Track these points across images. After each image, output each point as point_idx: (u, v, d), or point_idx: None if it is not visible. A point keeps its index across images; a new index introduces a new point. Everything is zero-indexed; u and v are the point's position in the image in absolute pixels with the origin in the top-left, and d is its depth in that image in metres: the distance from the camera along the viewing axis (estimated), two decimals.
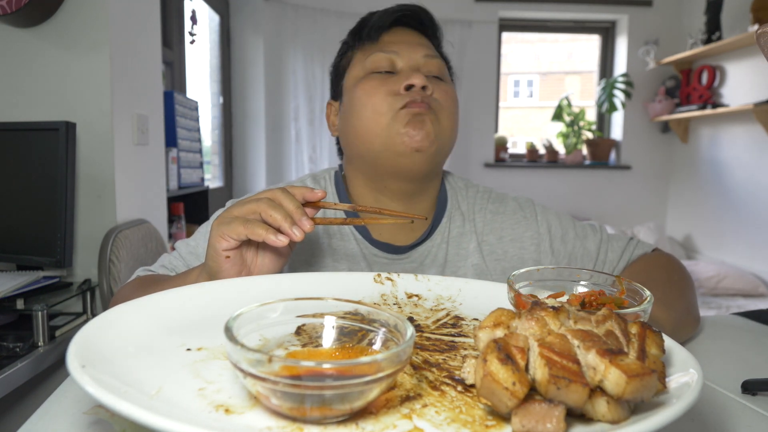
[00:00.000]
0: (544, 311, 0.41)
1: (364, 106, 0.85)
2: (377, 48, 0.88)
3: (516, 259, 0.90)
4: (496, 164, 4.16)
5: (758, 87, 3.27)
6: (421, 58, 0.87)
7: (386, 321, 0.44)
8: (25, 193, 1.34)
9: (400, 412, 0.39)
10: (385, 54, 0.87)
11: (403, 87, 0.83)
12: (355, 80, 0.88)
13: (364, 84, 0.86)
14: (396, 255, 0.89)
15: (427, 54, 0.88)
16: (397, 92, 0.84)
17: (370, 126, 0.84)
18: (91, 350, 0.42)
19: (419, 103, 0.82)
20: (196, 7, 2.89)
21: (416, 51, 0.88)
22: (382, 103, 0.83)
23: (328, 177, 0.95)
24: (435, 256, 0.90)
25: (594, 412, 0.37)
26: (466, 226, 0.92)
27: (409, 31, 0.91)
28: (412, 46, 0.88)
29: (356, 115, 0.86)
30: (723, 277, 3.26)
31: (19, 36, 1.52)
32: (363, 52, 0.90)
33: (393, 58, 0.87)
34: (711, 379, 0.65)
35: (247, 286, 0.63)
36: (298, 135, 3.84)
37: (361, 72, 0.88)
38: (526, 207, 0.94)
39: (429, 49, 0.89)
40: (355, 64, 0.91)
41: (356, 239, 0.89)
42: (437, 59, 0.89)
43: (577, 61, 9.28)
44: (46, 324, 1.12)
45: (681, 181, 4.13)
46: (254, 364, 0.36)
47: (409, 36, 0.90)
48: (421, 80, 0.83)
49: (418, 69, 0.87)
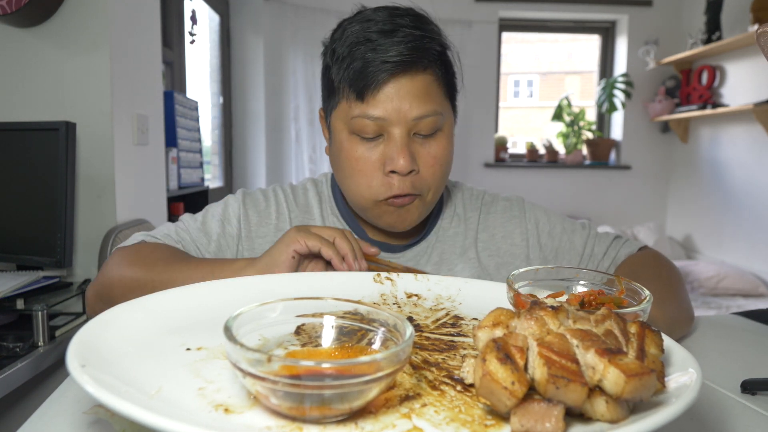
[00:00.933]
0: (543, 311, 0.41)
1: (349, 177, 0.82)
2: (361, 108, 0.78)
3: (508, 254, 0.93)
4: (496, 164, 4.16)
5: (758, 87, 3.27)
6: (412, 120, 0.78)
7: (386, 320, 0.44)
8: (25, 193, 1.34)
9: (399, 412, 0.39)
10: (371, 121, 0.78)
11: (387, 170, 0.79)
12: (341, 135, 0.82)
13: (348, 149, 0.81)
14: (391, 254, 0.91)
15: (419, 115, 0.78)
16: (382, 171, 0.80)
17: (355, 196, 0.84)
18: (91, 350, 0.42)
19: (403, 197, 0.80)
20: (196, 7, 2.89)
21: (408, 112, 0.77)
22: (365, 186, 0.81)
23: (325, 181, 0.97)
24: (429, 256, 0.92)
25: (593, 412, 0.37)
26: (461, 226, 0.94)
27: (404, 79, 0.78)
28: (402, 107, 0.77)
29: (342, 174, 0.84)
30: (723, 277, 3.26)
31: (19, 36, 1.52)
32: (347, 101, 0.80)
33: (380, 124, 0.78)
34: (710, 379, 0.65)
35: (247, 285, 0.63)
36: (298, 135, 3.84)
37: (346, 128, 0.81)
38: (515, 205, 0.97)
39: (425, 103, 0.78)
40: (339, 109, 0.82)
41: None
42: (432, 117, 0.79)
43: (577, 61, 9.28)
44: (46, 324, 1.12)
45: (681, 181, 4.13)
46: (254, 363, 0.36)
47: (403, 87, 0.77)
48: (406, 166, 0.77)
49: (410, 141, 0.79)
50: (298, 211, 0.92)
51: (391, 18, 0.79)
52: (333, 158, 0.86)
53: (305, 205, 0.93)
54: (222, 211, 0.89)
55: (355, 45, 0.78)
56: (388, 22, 0.79)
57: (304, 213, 0.92)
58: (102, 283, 0.79)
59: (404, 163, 0.77)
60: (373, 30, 0.78)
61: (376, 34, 0.78)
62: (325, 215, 0.92)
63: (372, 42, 0.77)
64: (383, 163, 0.79)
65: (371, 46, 0.77)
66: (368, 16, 0.81)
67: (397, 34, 0.77)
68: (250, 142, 3.77)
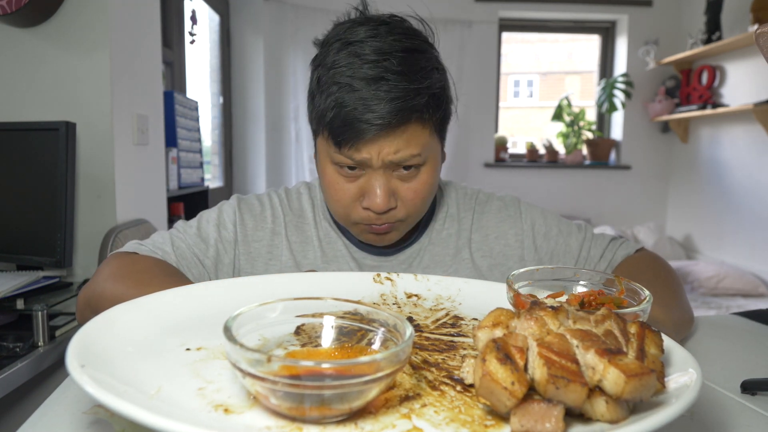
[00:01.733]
0: (543, 311, 0.41)
1: (329, 198, 0.83)
2: (342, 153, 0.77)
3: (501, 255, 0.92)
4: (496, 164, 4.16)
5: (758, 87, 3.27)
6: (392, 163, 0.77)
7: (385, 321, 0.44)
8: (25, 193, 1.34)
9: (399, 412, 0.39)
10: (351, 160, 0.77)
11: (364, 205, 0.79)
12: (323, 159, 0.82)
13: (330, 175, 0.81)
14: (384, 257, 0.91)
15: (399, 160, 0.77)
16: (359, 202, 0.80)
17: (335, 214, 0.86)
18: (90, 350, 0.42)
19: (378, 227, 0.82)
20: (196, 7, 2.89)
21: (388, 156, 0.76)
22: (343, 211, 0.82)
23: (318, 186, 0.97)
24: (422, 258, 0.91)
25: (593, 412, 0.37)
26: (454, 227, 0.94)
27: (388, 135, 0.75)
28: (383, 151, 0.76)
29: (323, 191, 0.85)
30: (723, 277, 3.26)
31: (19, 36, 1.52)
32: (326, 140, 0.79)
33: (360, 162, 0.77)
34: (710, 379, 0.65)
35: (247, 285, 0.63)
36: (298, 135, 3.84)
37: (327, 156, 0.80)
38: (510, 206, 0.96)
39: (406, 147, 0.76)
40: (321, 138, 0.81)
41: (344, 243, 0.91)
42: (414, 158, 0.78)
43: (577, 61, 9.28)
44: (46, 324, 1.12)
45: (681, 181, 4.13)
46: (253, 363, 0.36)
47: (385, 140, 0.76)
48: (381, 206, 0.78)
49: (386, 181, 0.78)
50: (293, 215, 0.92)
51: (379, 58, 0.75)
52: (317, 170, 0.87)
53: (299, 210, 0.93)
54: (217, 216, 0.89)
55: (339, 88, 0.75)
56: (374, 66, 0.74)
57: (298, 217, 0.92)
58: (92, 292, 0.77)
59: (381, 203, 0.78)
60: (358, 76, 0.74)
61: (361, 82, 0.74)
62: (317, 220, 0.93)
63: (356, 92, 0.74)
64: (362, 195, 0.80)
65: (355, 97, 0.74)
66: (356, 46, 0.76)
67: (382, 85, 0.74)
68: (250, 142, 3.77)
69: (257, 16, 3.63)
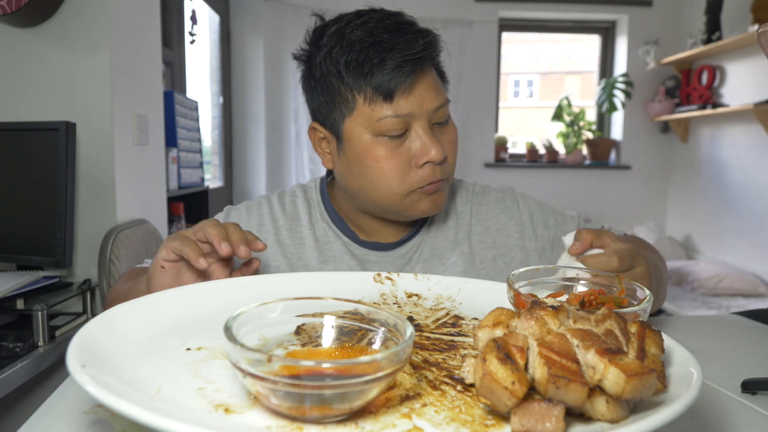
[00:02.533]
0: (543, 311, 0.41)
1: (377, 179, 0.81)
2: (391, 109, 0.79)
3: (503, 246, 0.94)
4: (496, 164, 4.16)
5: (758, 87, 3.27)
6: (433, 111, 0.81)
7: (386, 320, 0.44)
8: (25, 193, 1.34)
9: (399, 412, 0.39)
10: (400, 119, 0.79)
11: (420, 162, 0.80)
12: (362, 140, 0.81)
13: (375, 151, 0.80)
14: (384, 252, 0.91)
15: (439, 105, 0.81)
16: (412, 167, 0.81)
17: (382, 197, 0.83)
18: (91, 350, 0.42)
19: (436, 182, 0.82)
20: (196, 7, 2.89)
21: (429, 104, 0.80)
22: (398, 182, 0.81)
23: (314, 186, 0.97)
24: (421, 252, 0.92)
25: (593, 412, 0.37)
26: (452, 220, 0.95)
27: (421, 74, 0.80)
28: (425, 101, 0.80)
29: (366, 179, 0.83)
30: (723, 277, 3.25)
31: (19, 36, 1.52)
32: (370, 105, 0.79)
33: (406, 120, 0.80)
34: (711, 379, 0.65)
35: (247, 285, 0.63)
36: (298, 135, 3.84)
37: (369, 131, 0.80)
38: (508, 197, 0.98)
39: (439, 94, 0.82)
40: (358, 114, 0.81)
41: (343, 242, 0.91)
42: (445, 106, 0.83)
43: (577, 61, 9.28)
44: (46, 324, 1.12)
45: (681, 181, 4.13)
46: (254, 363, 0.36)
47: (422, 82, 0.80)
48: (440, 154, 0.80)
49: (432, 131, 0.81)
50: (285, 219, 0.92)
51: (388, 17, 0.80)
52: (349, 166, 0.84)
53: (293, 212, 0.93)
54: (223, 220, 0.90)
55: (369, 48, 0.77)
56: (389, 21, 0.80)
57: (291, 220, 0.92)
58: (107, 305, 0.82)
59: (437, 153, 0.80)
60: (380, 31, 0.78)
61: (387, 34, 0.78)
62: (314, 220, 0.92)
63: (386, 42, 0.77)
64: (413, 157, 0.81)
65: (387, 46, 0.77)
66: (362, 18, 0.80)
67: (407, 30, 0.79)
68: (250, 142, 3.77)
69: (257, 16, 3.63)
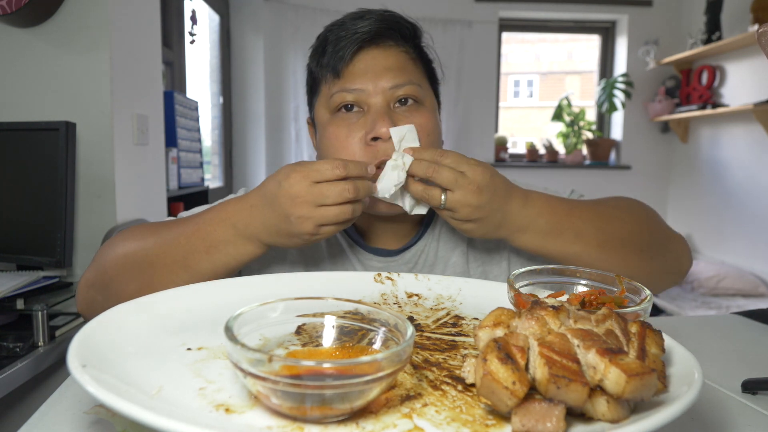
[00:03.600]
0: (544, 310, 0.41)
1: (333, 154, 0.81)
2: (340, 84, 0.80)
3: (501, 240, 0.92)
4: (497, 164, 4.16)
5: (758, 87, 3.27)
6: (389, 90, 0.80)
7: (386, 320, 0.44)
8: (25, 193, 1.34)
9: (400, 412, 0.39)
10: (349, 93, 0.80)
11: (369, 138, 0.78)
12: (323, 119, 0.83)
13: (331, 129, 0.81)
14: (389, 257, 0.90)
15: (394, 84, 0.80)
16: (365, 142, 0.79)
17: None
18: (91, 350, 0.42)
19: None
20: (196, 7, 2.89)
21: (384, 82, 0.79)
22: (350, 157, 0.78)
23: None
24: (427, 256, 0.92)
25: (594, 412, 0.37)
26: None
27: (376, 51, 0.82)
28: (378, 78, 0.79)
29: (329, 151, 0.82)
30: (723, 277, 3.25)
31: (19, 36, 1.52)
32: (327, 84, 0.82)
33: (358, 96, 0.80)
34: (711, 378, 0.65)
35: (247, 285, 0.63)
36: (298, 135, 3.84)
37: (326, 111, 0.83)
38: None
39: (400, 74, 0.81)
40: (321, 96, 0.84)
41: (349, 246, 0.91)
42: (407, 86, 0.81)
43: (577, 61, 9.28)
44: (46, 324, 1.12)
45: (681, 181, 4.13)
46: (254, 363, 0.36)
47: (375, 59, 0.81)
48: (387, 128, 0.76)
49: (386, 108, 0.79)
50: None
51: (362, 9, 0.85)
52: (320, 152, 0.86)
53: None
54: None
55: (328, 32, 0.84)
56: (359, 12, 0.84)
57: None
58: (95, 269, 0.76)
59: (384, 127, 0.76)
60: (347, 18, 0.84)
61: (349, 19, 0.83)
62: None
63: (343, 24, 0.82)
64: (366, 134, 0.78)
65: (342, 28, 0.82)
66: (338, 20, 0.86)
67: (368, 16, 0.83)
68: (250, 142, 3.77)
69: (257, 16, 3.63)
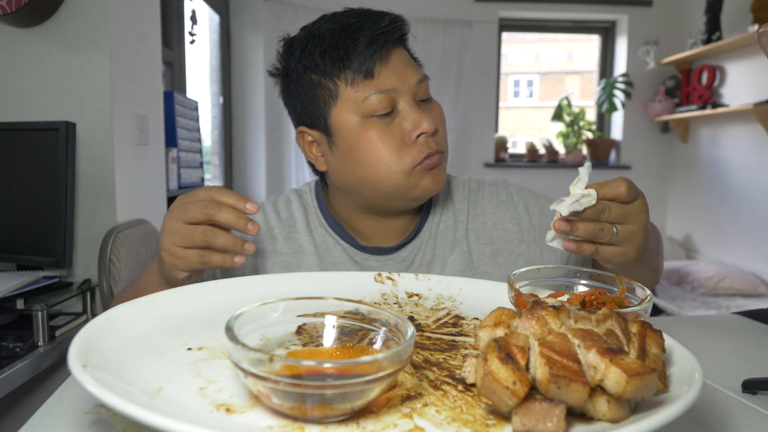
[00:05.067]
0: (544, 310, 0.41)
1: (375, 161, 0.80)
2: (373, 86, 0.79)
3: (501, 241, 0.92)
4: (496, 164, 4.16)
5: (758, 87, 3.27)
6: (416, 86, 0.81)
7: (387, 320, 0.44)
8: (25, 193, 1.34)
9: (401, 411, 0.39)
10: (385, 94, 0.79)
11: (414, 136, 0.80)
12: (351, 125, 0.81)
13: (367, 134, 0.80)
14: (385, 256, 0.90)
15: (419, 79, 0.82)
16: (407, 143, 0.80)
17: (384, 180, 0.81)
18: (92, 350, 0.42)
19: (434, 155, 0.81)
20: (196, 7, 2.89)
21: (410, 79, 0.81)
22: (396, 160, 0.80)
23: (309, 191, 0.96)
24: (424, 253, 0.91)
25: (594, 411, 0.37)
26: (450, 219, 0.94)
27: (398, 49, 0.82)
28: (405, 76, 0.81)
29: (363, 165, 0.81)
30: (723, 277, 3.25)
31: (19, 36, 1.52)
32: (353, 87, 0.79)
33: (392, 96, 0.80)
34: (711, 378, 0.65)
35: (248, 285, 0.63)
36: None
37: (356, 115, 0.80)
38: (501, 190, 0.97)
39: (416, 70, 0.83)
40: (343, 100, 0.80)
41: (343, 248, 0.90)
42: (425, 81, 0.84)
43: (577, 61, 9.29)
44: (46, 324, 1.12)
45: (681, 181, 4.13)
46: (255, 363, 0.36)
47: (396, 58, 0.81)
48: (431, 125, 0.79)
49: (419, 107, 0.82)
50: (282, 227, 0.91)
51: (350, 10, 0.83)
52: (343, 158, 0.83)
53: (289, 219, 0.92)
54: None
55: (339, 34, 0.79)
56: (350, 10, 0.82)
57: (288, 228, 0.91)
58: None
59: (428, 124, 0.79)
60: (346, 18, 0.81)
61: (353, 19, 0.80)
62: (312, 227, 0.91)
63: (354, 25, 0.79)
64: (405, 133, 0.80)
65: (357, 27, 0.79)
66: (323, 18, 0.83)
67: (371, 13, 0.81)
68: (250, 142, 3.77)
69: (257, 16, 3.63)
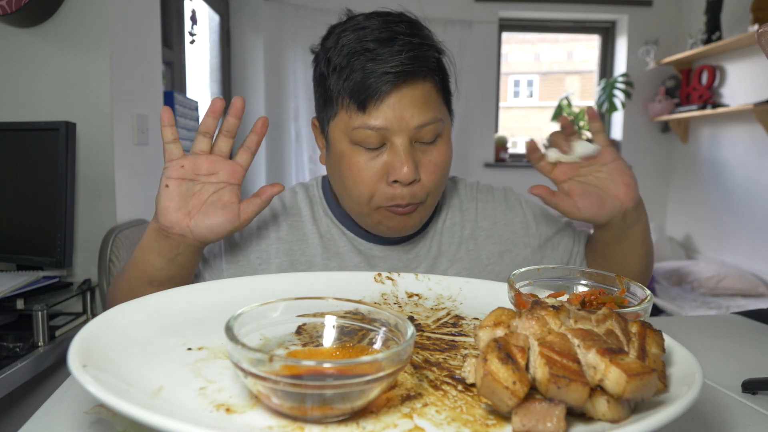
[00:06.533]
0: (544, 310, 0.41)
1: (351, 187, 0.81)
2: (363, 119, 0.77)
3: (509, 242, 0.95)
4: (496, 164, 4.16)
5: (758, 87, 3.27)
6: (414, 129, 0.77)
7: (387, 320, 0.44)
8: (25, 193, 1.34)
9: (400, 412, 0.39)
10: (373, 131, 0.77)
11: (390, 179, 0.78)
12: (340, 145, 0.81)
13: (352, 159, 0.79)
14: (391, 246, 0.91)
15: (422, 123, 0.78)
16: (384, 181, 0.79)
17: (353, 206, 0.84)
18: (92, 350, 0.42)
19: (404, 207, 0.80)
20: (196, 7, 2.89)
21: (410, 121, 0.77)
22: (366, 194, 0.80)
23: (316, 184, 0.97)
24: (429, 250, 0.92)
25: (594, 411, 0.37)
26: (457, 217, 0.96)
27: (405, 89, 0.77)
28: (405, 117, 0.77)
29: (341, 185, 0.83)
30: (723, 277, 3.25)
31: (19, 36, 1.52)
32: (347, 112, 0.78)
33: (383, 134, 0.77)
34: (711, 378, 0.65)
35: (248, 285, 0.63)
36: (298, 135, 3.84)
37: (346, 138, 0.80)
38: (510, 196, 1.01)
39: (425, 111, 0.78)
40: (338, 119, 0.80)
41: (348, 238, 0.91)
42: (432, 124, 0.79)
43: (577, 61, 9.29)
44: (46, 324, 1.12)
45: (681, 181, 4.13)
46: (255, 363, 0.36)
47: (404, 96, 0.77)
48: (409, 175, 0.77)
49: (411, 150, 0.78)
50: (286, 214, 0.92)
51: (387, 25, 0.78)
52: (331, 167, 0.85)
53: (294, 208, 0.92)
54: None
55: (353, 55, 0.77)
56: (384, 30, 0.77)
57: (293, 216, 0.92)
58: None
59: (407, 172, 0.77)
60: (369, 39, 0.77)
61: (374, 43, 0.77)
62: (316, 217, 0.92)
63: (371, 52, 0.76)
64: (386, 173, 0.79)
65: (370, 56, 0.76)
66: (361, 23, 0.79)
67: (396, 42, 0.77)
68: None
69: (257, 16, 3.63)
